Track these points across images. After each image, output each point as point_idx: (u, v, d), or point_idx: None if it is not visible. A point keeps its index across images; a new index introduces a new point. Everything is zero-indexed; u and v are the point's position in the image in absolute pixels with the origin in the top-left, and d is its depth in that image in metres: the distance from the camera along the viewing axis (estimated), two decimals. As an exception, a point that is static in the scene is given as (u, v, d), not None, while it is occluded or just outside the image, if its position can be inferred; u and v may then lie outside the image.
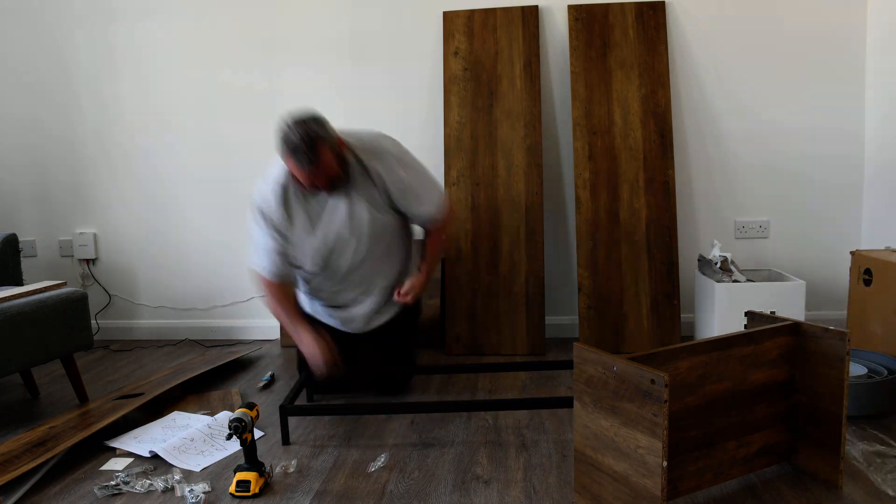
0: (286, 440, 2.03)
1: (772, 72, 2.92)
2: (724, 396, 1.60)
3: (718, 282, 2.55)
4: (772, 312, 1.80)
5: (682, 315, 2.93)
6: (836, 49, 2.89)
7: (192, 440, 2.01)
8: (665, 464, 1.35)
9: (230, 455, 1.95)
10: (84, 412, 2.23)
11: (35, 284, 2.41)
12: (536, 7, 2.93)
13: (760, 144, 2.96)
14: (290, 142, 1.95)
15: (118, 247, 3.29)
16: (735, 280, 2.58)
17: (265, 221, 2.13)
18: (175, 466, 1.89)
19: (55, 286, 2.39)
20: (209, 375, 2.69)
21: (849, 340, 1.59)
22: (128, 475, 1.81)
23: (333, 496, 1.71)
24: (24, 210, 3.31)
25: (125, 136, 3.20)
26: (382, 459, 1.88)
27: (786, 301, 2.48)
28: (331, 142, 2.00)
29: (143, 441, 2.03)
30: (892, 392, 2.07)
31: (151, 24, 3.11)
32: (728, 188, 3.00)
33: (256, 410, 1.78)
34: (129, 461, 1.94)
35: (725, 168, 2.99)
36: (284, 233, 2.15)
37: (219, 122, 3.15)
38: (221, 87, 3.13)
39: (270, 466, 1.80)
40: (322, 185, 2.04)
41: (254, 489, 1.70)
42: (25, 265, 3.20)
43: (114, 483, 1.78)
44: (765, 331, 1.64)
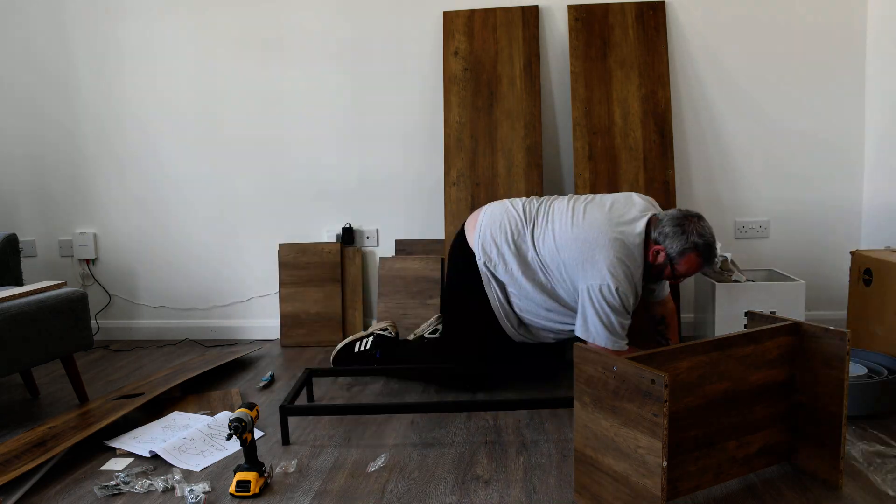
0: (286, 440, 2.03)
1: (772, 72, 2.92)
2: (724, 396, 1.60)
3: (718, 282, 2.56)
4: (772, 312, 1.80)
5: (682, 315, 2.93)
6: (836, 49, 2.89)
7: (192, 440, 2.01)
8: (665, 464, 1.35)
9: (230, 455, 1.96)
10: (84, 412, 2.23)
11: (35, 284, 2.41)
12: (536, 7, 2.93)
13: (760, 144, 2.96)
14: (711, 246, 2.09)
15: (118, 247, 3.29)
16: (735, 280, 2.58)
17: (625, 305, 2.12)
18: (175, 466, 1.89)
19: (55, 286, 2.39)
20: (209, 375, 2.69)
21: (849, 340, 1.59)
22: (128, 475, 1.81)
23: (333, 496, 1.71)
24: (24, 210, 3.31)
25: (125, 137, 3.20)
26: (382, 459, 1.88)
27: (786, 301, 2.48)
28: None
29: (143, 441, 2.03)
30: (892, 392, 2.07)
31: (152, 25, 3.11)
32: (728, 188, 3.00)
33: (256, 410, 1.78)
34: (129, 461, 1.94)
35: (725, 168, 2.99)
36: None
37: (219, 123, 3.15)
38: (222, 88, 3.13)
39: (270, 466, 1.80)
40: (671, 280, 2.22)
41: (254, 489, 1.70)
42: (25, 265, 3.20)
43: (114, 483, 1.78)
44: (765, 331, 1.64)
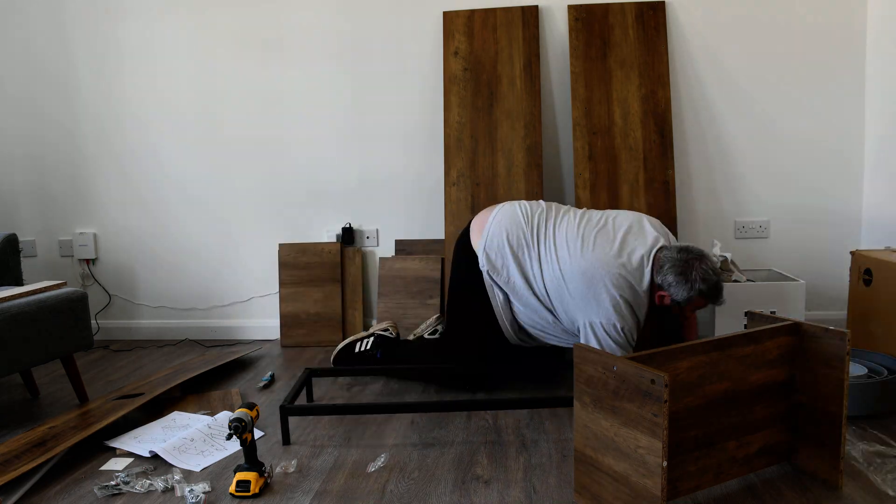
0: (286, 440, 2.03)
1: (772, 71, 2.92)
2: (724, 396, 1.60)
3: (718, 282, 2.55)
4: (772, 312, 1.80)
5: (682, 315, 2.93)
6: (836, 49, 2.89)
7: (192, 440, 2.01)
8: (665, 464, 1.35)
9: (230, 455, 1.96)
10: (84, 412, 2.23)
11: (35, 284, 2.41)
12: (536, 7, 2.93)
13: (760, 144, 2.96)
14: (717, 286, 2.07)
15: (118, 247, 3.29)
16: (735, 280, 2.58)
17: (629, 339, 2.10)
18: (175, 466, 1.89)
19: (55, 286, 2.39)
20: (209, 375, 2.69)
21: (849, 340, 1.59)
22: (128, 475, 1.81)
23: (333, 496, 1.71)
24: (24, 210, 3.31)
25: (125, 136, 3.20)
26: (382, 459, 1.88)
27: (786, 301, 2.48)
28: None
29: (143, 441, 2.03)
30: (892, 392, 2.07)
31: (151, 25, 3.12)
32: (728, 188, 3.00)
33: (256, 410, 1.78)
34: (129, 461, 1.94)
35: (725, 168, 2.99)
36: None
37: (219, 123, 3.15)
38: (222, 88, 3.13)
39: (270, 466, 1.80)
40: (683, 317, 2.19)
41: (254, 489, 1.70)
42: (25, 265, 3.21)
43: (114, 483, 1.78)
44: (765, 331, 1.64)
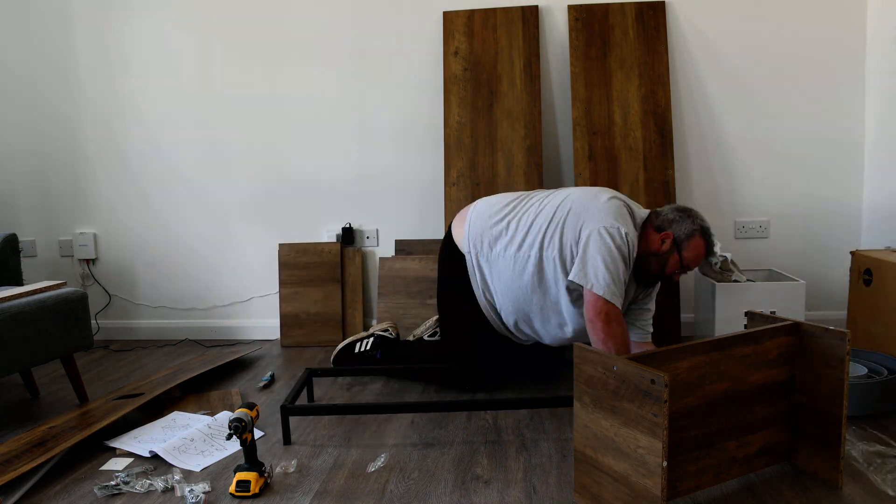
0: (286, 440, 2.03)
1: (772, 72, 2.92)
2: (724, 396, 1.60)
3: (718, 282, 2.55)
4: (772, 312, 1.80)
5: (682, 315, 2.93)
6: (836, 49, 2.89)
7: (192, 440, 2.01)
8: (665, 464, 1.35)
9: (230, 455, 1.96)
10: (84, 412, 2.23)
11: (35, 284, 2.41)
12: (536, 7, 2.93)
13: (760, 144, 2.96)
14: (711, 233, 1.99)
15: (118, 247, 3.29)
16: (735, 280, 2.58)
17: (630, 258, 2.04)
18: (175, 466, 1.89)
19: (55, 286, 2.39)
20: (209, 375, 2.69)
21: (849, 340, 1.59)
22: (128, 475, 1.81)
23: (333, 496, 1.71)
24: (24, 210, 3.31)
25: (126, 136, 3.20)
26: (382, 459, 1.88)
27: (786, 301, 2.48)
28: None
29: (143, 441, 2.03)
30: (892, 392, 2.07)
31: (152, 25, 3.11)
32: (728, 188, 3.00)
33: (256, 410, 1.78)
34: (129, 461, 1.94)
35: (725, 168, 2.99)
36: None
37: (219, 123, 3.15)
38: (221, 88, 3.13)
39: (270, 466, 1.80)
40: (675, 275, 2.11)
41: (254, 489, 1.70)
42: (25, 265, 3.20)
43: (114, 483, 1.78)
44: (765, 331, 1.64)
